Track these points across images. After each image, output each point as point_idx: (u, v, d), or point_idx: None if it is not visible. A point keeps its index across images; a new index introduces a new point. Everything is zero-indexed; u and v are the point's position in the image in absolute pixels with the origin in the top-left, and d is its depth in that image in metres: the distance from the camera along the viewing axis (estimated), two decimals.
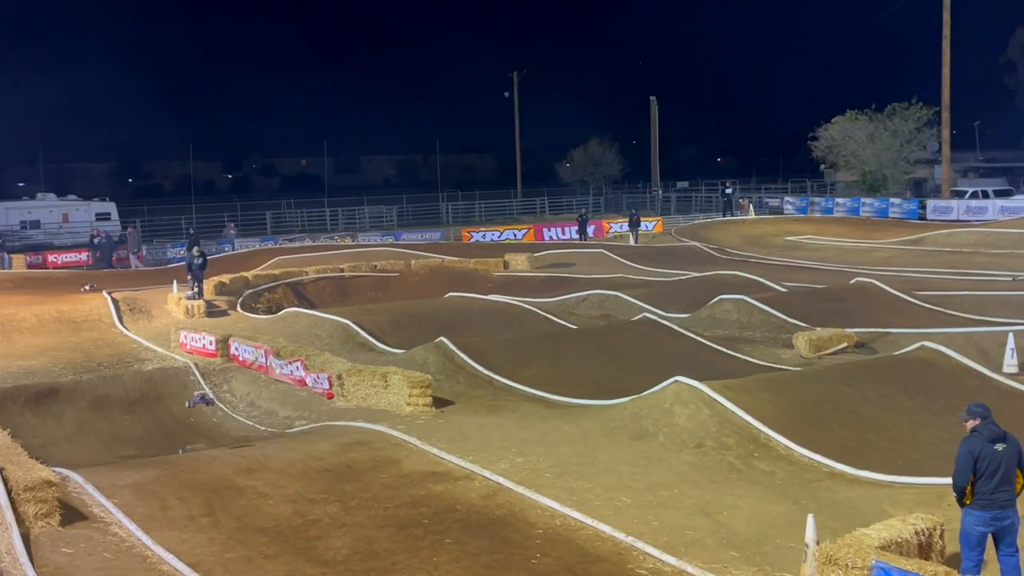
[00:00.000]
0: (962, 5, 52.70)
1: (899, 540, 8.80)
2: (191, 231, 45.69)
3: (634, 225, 47.46)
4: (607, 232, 52.76)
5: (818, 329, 21.83)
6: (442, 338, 20.55)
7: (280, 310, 28.17)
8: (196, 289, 28.58)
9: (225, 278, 31.67)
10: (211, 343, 22.55)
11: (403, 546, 10.94)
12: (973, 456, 8.94)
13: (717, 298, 25.44)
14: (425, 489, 12.86)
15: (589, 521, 11.39)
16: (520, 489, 12.56)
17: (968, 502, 8.95)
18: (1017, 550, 9.07)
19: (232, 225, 55.05)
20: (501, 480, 12.95)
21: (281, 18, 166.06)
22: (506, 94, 75.69)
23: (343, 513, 12.06)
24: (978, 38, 78.32)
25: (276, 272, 34.36)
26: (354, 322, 24.37)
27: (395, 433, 15.39)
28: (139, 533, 11.29)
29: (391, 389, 17.32)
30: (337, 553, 10.82)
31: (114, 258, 43.05)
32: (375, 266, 35.91)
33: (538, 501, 12.15)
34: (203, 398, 20.14)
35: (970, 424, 9.17)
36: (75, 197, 55.28)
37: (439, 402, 17.27)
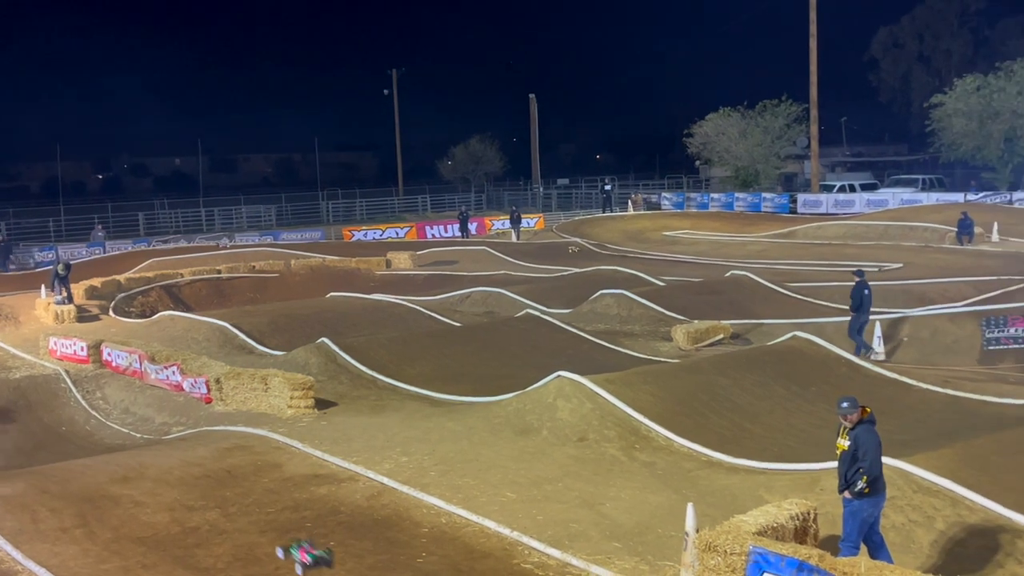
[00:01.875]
0: (828, 5, 54.50)
1: (775, 525, 9.04)
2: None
3: (516, 222, 47.70)
4: (489, 229, 52.93)
5: (695, 322, 22.33)
6: (324, 339, 20.31)
7: (155, 314, 27.43)
8: (65, 294, 27.61)
9: (96, 282, 30.66)
10: (82, 349, 21.82)
11: None
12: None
13: (598, 293, 25.79)
14: (308, 492, 12.69)
15: (475, 518, 11.41)
16: (405, 489, 12.51)
17: (868, 491, 9.25)
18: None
19: (100, 227, 53.22)
20: (385, 480, 12.88)
21: (151, 11, 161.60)
22: (385, 91, 75.29)
23: (223, 519, 11.81)
24: (843, 37, 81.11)
25: (150, 275, 33.40)
26: (232, 324, 23.90)
27: (276, 436, 15.15)
28: (8, 547, 10.86)
29: (272, 392, 17.04)
30: (218, 560, 10.59)
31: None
32: (254, 267, 35.26)
33: (423, 500, 12.12)
34: None
35: (854, 416, 9.41)
36: None
37: (321, 404, 17.07)
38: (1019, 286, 25.76)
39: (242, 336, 23.33)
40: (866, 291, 20.23)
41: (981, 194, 47.00)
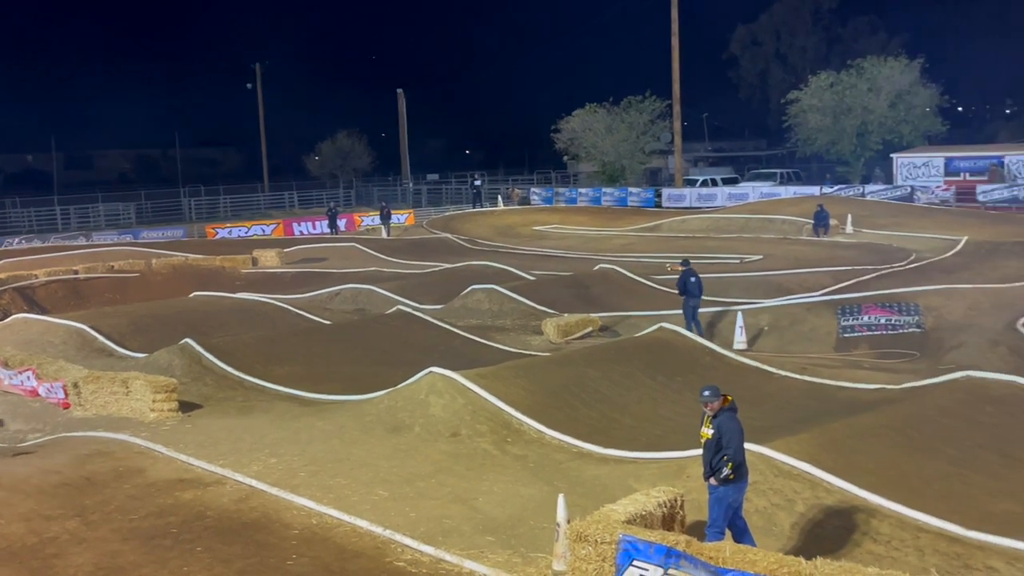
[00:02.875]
0: (689, 3, 55.86)
1: (644, 513, 9.22)
2: None
3: (385, 218, 47.40)
4: (359, 226, 52.43)
5: (565, 315, 22.60)
6: (187, 339, 19.79)
7: (7, 317, 26.23)
8: None
9: None
10: None
11: (150, 558, 10.45)
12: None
13: (469, 288, 25.84)
14: (173, 497, 12.35)
15: (346, 517, 11.29)
16: (274, 491, 12.30)
17: (732, 477, 9.48)
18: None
19: None
20: (254, 483, 12.63)
21: None
22: (248, 85, 73.83)
23: (84, 528, 11.39)
24: (704, 35, 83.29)
25: (1, 276, 31.93)
26: (90, 326, 23.06)
27: (139, 441, 14.69)
28: None
29: (133, 395, 16.52)
30: (78, 571, 10.21)
31: None
32: (113, 266, 34.06)
33: (293, 501, 11.93)
34: None
35: (716, 405, 9.63)
36: None
37: (186, 406, 16.65)
38: (872, 276, 26.94)
39: (101, 339, 22.54)
40: (692, 279, 20.92)
41: (835, 187, 48.89)
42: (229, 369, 18.90)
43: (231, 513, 11.75)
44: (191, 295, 28.13)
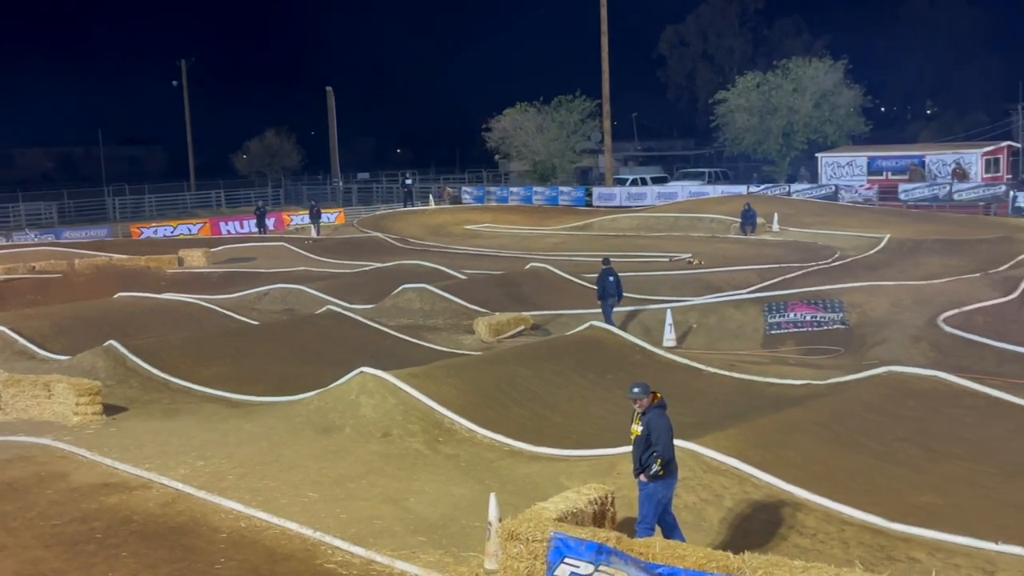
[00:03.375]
0: (618, 4, 56.22)
1: (575, 511, 9.26)
2: None
3: (315, 217, 46.93)
4: (288, 225, 51.87)
5: (497, 314, 22.62)
6: (112, 341, 19.40)
7: None
8: None
9: None
10: None
11: (74, 564, 10.23)
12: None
13: (400, 288, 25.71)
14: (97, 502, 12.10)
15: (275, 520, 11.17)
16: (201, 494, 12.12)
17: (662, 473, 9.54)
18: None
19: None
20: (181, 486, 12.43)
21: None
22: (174, 83, 72.62)
23: (4, 535, 11.11)
24: (634, 35, 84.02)
25: None
26: (11, 328, 22.48)
27: (62, 445, 14.36)
28: None
29: (56, 398, 16.13)
30: None
31: None
32: (34, 267, 33.31)
33: (221, 504, 11.77)
34: None
35: (645, 402, 9.70)
36: None
37: (111, 409, 16.32)
38: (798, 273, 27.41)
39: (22, 341, 21.99)
40: (611, 278, 21.14)
41: (762, 186, 49.62)
42: (155, 371, 18.58)
43: (157, 517, 11.55)
44: (115, 296, 27.55)
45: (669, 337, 20.88)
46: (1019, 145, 49.10)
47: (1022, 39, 69.92)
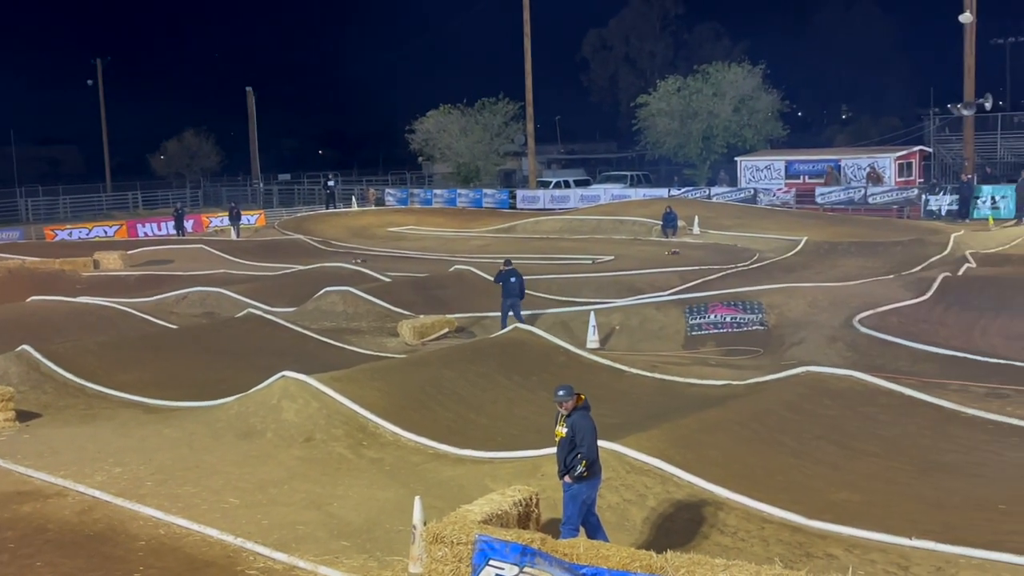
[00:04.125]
0: (541, 7, 56.46)
1: (500, 513, 9.27)
2: None
3: (235, 219, 46.28)
4: (207, 227, 51.09)
5: (421, 316, 22.56)
6: (25, 346, 18.92)
7: None
8: None
9: None
10: None
11: None
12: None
13: (323, 290, 25.47)
14: (10, 511, 11.78)
15: (196, 527, 10.98)
16: (119, 501, 11.87)
17: (587, 474, 9.59)
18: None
19: None
20: (97, 493, 12.17)
21: None
22: (89, 82, 71.08)
23: None
24: (557, 38, 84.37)
25: None
26: None
27: None
28: None
29: None
30: None
31: None
32: None
33: (140, 512, 11.55)
34: None
35: (570, 404, 9.73)
36: None
37: (24, 415, 15.92)
38: (718, 275, 27.82)
39: None
40: (512, 279, 21.33)
41: (683, 189, 50.21)
42: (70, 376, 18.15)
43: (74, 526, 11.29)
44: (28, 300, 26.84)
45: (592, 339, 21.01)
46: (931, 150, 50.43)
47: (935, 46, 71.91)
